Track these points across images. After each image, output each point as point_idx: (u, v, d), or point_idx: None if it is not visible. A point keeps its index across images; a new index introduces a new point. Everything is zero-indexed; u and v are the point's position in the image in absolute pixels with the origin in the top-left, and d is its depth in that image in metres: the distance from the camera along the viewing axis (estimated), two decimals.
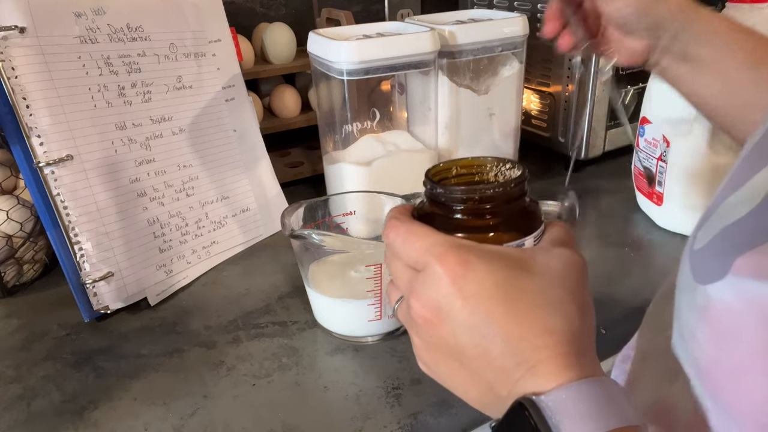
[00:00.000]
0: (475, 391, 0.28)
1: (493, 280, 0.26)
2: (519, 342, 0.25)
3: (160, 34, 0.65)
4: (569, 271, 0.28)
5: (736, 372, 0.23)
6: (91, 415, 0.47)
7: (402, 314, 0.31)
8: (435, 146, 0.73)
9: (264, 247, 0.72)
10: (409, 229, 0.29)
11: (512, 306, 0.26)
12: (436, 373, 0.30)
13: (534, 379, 0.25)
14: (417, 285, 0.28)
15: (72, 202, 0.56)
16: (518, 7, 0.89)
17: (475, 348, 0.26)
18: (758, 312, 0.21)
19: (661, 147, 0.69)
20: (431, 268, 0.27)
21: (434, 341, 0.28)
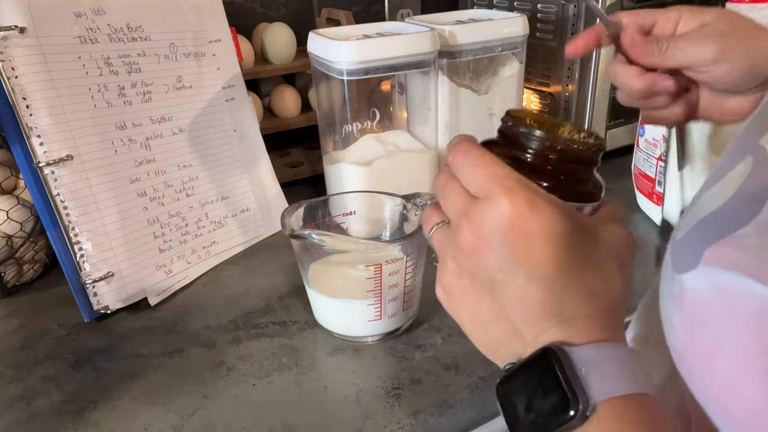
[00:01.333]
0: (496, 329, 0.27)
1: (555, 231, 0.26)
2: (562, 293, 0.26)
3: (160, 34, 0.65)
4: (621, 248, 0.29)
5: (704, 357, 0.23)
6: (91, 415, 0.47)
7: (439, 238, 0.30)
8: (435, 146, 0.73)
9: (264, 247, 0.72)
10: (482, 154, 0.28)
11: (565, 260, 0.26)
12: (458, 301, 0.29)
13: (564, 331, 0.25)
14: (475, 210, 0.27)
15: (72, 202, 0.56)
16: (518, 7, 0.89)
17: (517, 287, 0.26)
18: (725, 299, 0.22)
19: (661, 147, 0.69)
20: (497, 198, 0.26)
21: (474, 269, 0.27)
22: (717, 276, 0.22)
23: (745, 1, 0.61)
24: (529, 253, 0.26)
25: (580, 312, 0.26)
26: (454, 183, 0.29)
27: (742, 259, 0.21)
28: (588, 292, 0.26)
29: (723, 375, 0.22)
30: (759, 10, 0.61)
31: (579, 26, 0.79)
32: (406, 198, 0.57)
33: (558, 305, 0.26)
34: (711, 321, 0.23)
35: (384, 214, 0.60)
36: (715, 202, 0.24)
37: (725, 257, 0.22)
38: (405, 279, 0.52)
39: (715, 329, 0.23)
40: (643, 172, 0.73)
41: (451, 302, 0.30)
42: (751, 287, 0.21)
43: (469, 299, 0.28)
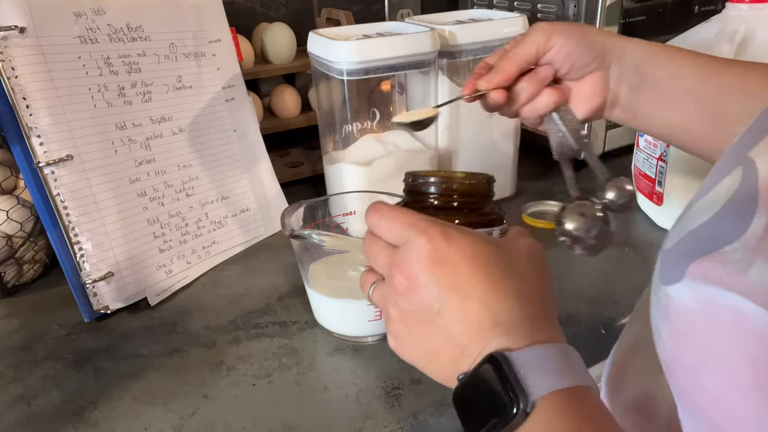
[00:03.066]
0: (446, 354, 0.30)
1: (472, 250, 0.29)
2: (495, 303, 0.28)
3: (160, 34, 0.65)
4: (533, 251, 0.32)
5: (692, 370, 0.24)
6: (91, 415, 0.47)
7: (377, 293, 0.33)
8: (435, 146, 0.73)
9: (264, 247, 0.72)
10: (392, 209, 0.32)
11: (489, 272, 0.29)
12: (408, 343, 0.31)
13: (506, 338, 0.28)
14: (399, 255, 0.30)
15: (72, 202, 0.56)
16: (518, 7, 0.89)
17: (454, 309, 0.29)
18: (710, 313, 0.22)
19: (661, 147, 0.69)
20: (415, 240, 0.30)
21: (413, 307, 0.30)
22: (701, 289, 0.23)
23: (745, 1, 0.61)
24: (456, 276, 0.29)
25: (515, 316, 0.28)
26: (377, 242, 0.33)
27: (724, 275, 0.22)
28: (517, 296, 0.29)
29: (710, 388, 0.23)
30: (759, 10, 0.61)
31: None
32: None
33: (494, 315, 0.28)
34: (697, 334, 0.23)
35: None
36: (704, 214, 0.25)
37: (709, 272, 0.23)
38: None
39: (702, 342, 0.23)
40: (643, 172, 0.73)
41: (403, 346, 0.32)
42: (735, 301, 0.21)
43: (416, 337, 0.31)
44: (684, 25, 0.69)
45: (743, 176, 0.24)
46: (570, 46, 0.46)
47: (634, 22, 0.80)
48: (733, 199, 0.24)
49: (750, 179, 0.23)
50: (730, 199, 0.24)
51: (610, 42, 0.47)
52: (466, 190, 0.35)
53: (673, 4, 0.83)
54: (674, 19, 0.83)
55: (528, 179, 0.85)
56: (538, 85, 0.47)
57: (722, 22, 0.63)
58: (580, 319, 0.55)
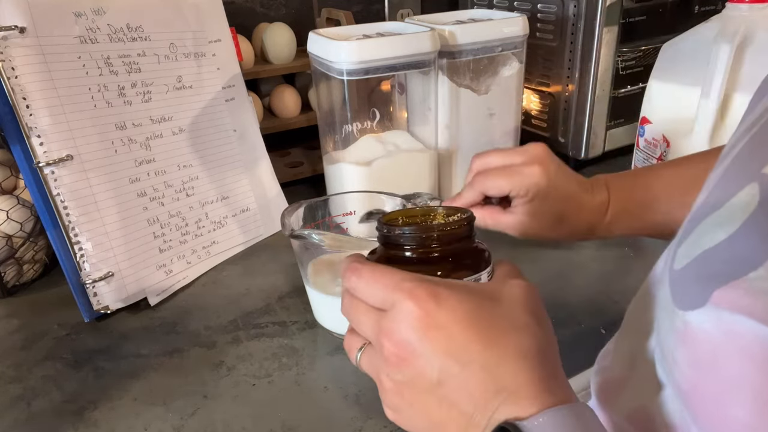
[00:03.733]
0: (454, 427, 0.27)
1: (465, 310, 0.27)
2: (497, 367, 0.26)
3: (160, 34, 0.65)
4: (528, 297, 0.29)
5: (716, 400, 0.23)
6: (91, 415, 0.47)
7: (367, 361, 0.31)
8: (435, 146, 0.73)
9: (264, 247, 0.72)
10: (372, 269, 0.29)
11: (486, 333, 0.27)
12: (408, 416, 0.29)
13: (514, 405, 0.25)
14: (386, 323, 0.28)
15: (72, 202, 0.56)
16: (518, 7, 0.89)
17: (455, 377, 0.26)
18: (737, 344, 0.21)
19: (661, 147, 0.69)
20: (402, 304, 0.27)
21: (409, 379, 0.28)
22: (724, 317, 0.22)
23: (745, 1, 0.61)
24: (452, 342, 0.26)
25: (520, 379, 0.26)
26: (358, 305, 0.30)
27: (755, 305, 0.21)
28: (519, 356, 0.27)
29: (737, 419, 0.22)
30: (759, 10, 0.61)
31: (579, 26, 0.79)
32: (406, 198, 0.57)
33: (499, 379, 0.26)
34: (721, 362, 0.22)
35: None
36: (719, 233, 0.24)
37: (737, 302, 0.22)
38: None
39: (727, 372, 0.22)
40: None
41: (404, 418, 0.30)
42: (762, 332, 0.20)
43: (416, 410, 0.28)
44: (684, 25, 0.70)
45: (761, 194, 0.23)
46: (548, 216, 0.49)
47: (634, 22, 0.80)
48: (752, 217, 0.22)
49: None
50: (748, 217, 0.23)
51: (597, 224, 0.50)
52: (446, 238, 0.32)
53: (673, 4, 0.83)
54: (674, 19, 0.83)
55: None
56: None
57: (722, 22, 0.63)
58: (580, 319, 0.55)
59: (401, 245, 0.32)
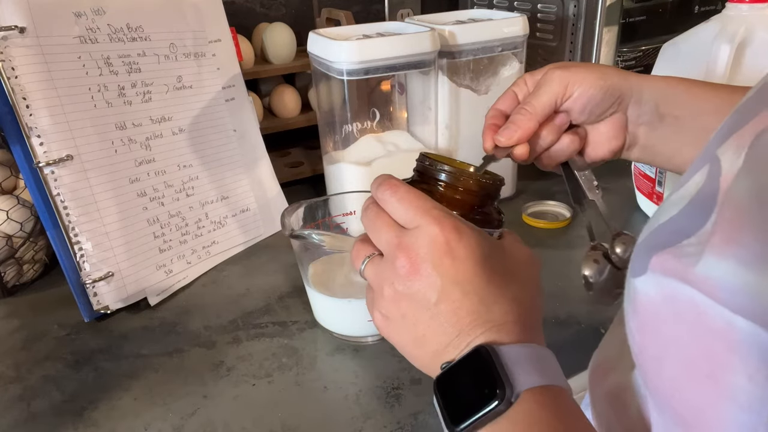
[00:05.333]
0: (433, 343, 0.30)
1: (481, 251, 0.30)
2: (493, 304, 0.30)
3: (160, 34, 0.65)
4: (529, 262, 0.33)
5: (656, 361, 0.25)
6: (91, 415, 0.47)
7: (373, 269, 0.33)
8: (435, 146, 0.73)
9: (264, 247, 0.72)
10: (408, 190, 0.32)
11: (492, 275, 0.30)
12: (397, 325, 0.32)
13: (495, 335, 0.29)
14: (408, 239, 0.30)
15: (72, 202, 0.56)
16: (518, 7, 0.89)
17: (453, 302, 0.30)
18: (671, 306, 0.23)
19: None
20: (428, 227, 0.30)
21: (411, 292, 0.30)
22: (662, 282, 0.24)
23: (745, 1, 0.61)
24: (462, 272, 0.30)
25: (508, 318, 0.30)
26: (383, 217, 0.32)
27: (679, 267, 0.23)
28: (513, 300, 0.30)
29: (670, 377, 0.24)
30: (759, 10, 0.61)
31: (579, 26, 0.79)
32: None
33: (489, 314, 0.30)
34: (660, 325, 0.24)
35: None
36: (672, 209, 0.26)
37: (666, 265, 0.23)
38: None
39: (664, 334, 0.24)
40: (643, 172, 0.73)
41: (391, 327, 0.32)
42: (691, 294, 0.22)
43: (407, 321, 0.31)
44: (684, 25, 0.70)
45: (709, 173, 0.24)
46: (588, 95, 0.45)
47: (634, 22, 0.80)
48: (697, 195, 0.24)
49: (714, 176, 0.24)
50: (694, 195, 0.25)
51: (628, 84, 0.46)
52: (477, 187, 0.35)
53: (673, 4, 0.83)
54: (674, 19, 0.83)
55: (528, 179, 0.85)
56: (556, 134, 0.46)
57: (722, 22, 0.63)
58: (580, 319, 0.55)
59: (436, 179, 0.35)
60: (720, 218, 0.22)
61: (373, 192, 0.33)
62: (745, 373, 0.20)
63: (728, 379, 0.21)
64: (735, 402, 0.21)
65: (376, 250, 0.33)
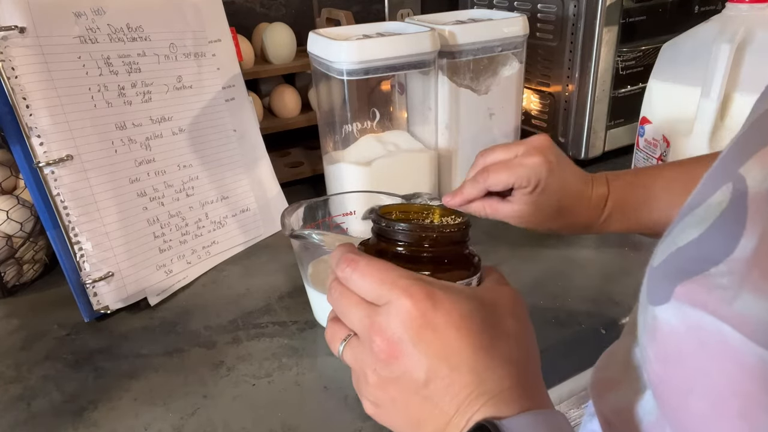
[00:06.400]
0: (431, 426, 0.28)
1: (459, 314, 0.27)
2: (485, 372, 0.27)
3: (160, 34, 0.65)
4: (516, 305, 0.30)
5: (679, 394, 0.24)
6: (91, 415, 0.47)
7: (351, 354, 0.30)
8: (435, 146, 0.73)
9: (264, 247, 0.72)
10: (369, 262, 0.29)
11: (478, 338, 0.27)
12: (388, 411, 0.29)
13: (494, 407, 0.26)
14: (380, 318, 0.28)
15: (72, 202, 0.56)
16: (518, 7, 0.89)
17: (443, 379, 0.27)
18: (697, 338, 0.22)
19: (661, 147, 0.69)
20: (397, 302, 0.27)
21: (396, 376, 0.28)
22: (687, 312, 0.22)
23: (745, 1, 0.61)
24: (446, 344, 0.27)
25: (505, 385, 0.27)
26: (350, 296, 0.30)
27: (710, 301, 0.21)
28: (506, 362, 0.27)
29: (697, 412, 0.23)
30: (759, 10, 0.61)
31: (579, 26, 0.79)
32: (406, 198, 0.57)
33: (484, 384, 0.27)
34: (684, 357, 0.23)
35: None
36: (693, 231, 0.24)
37: (695, 297, 0.22)
38: None
39: (689, 366, 0.23)
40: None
41: (384, 414, 0.30)
42: (721, 328, 0.21)
43: (398, 407, 0.29)
44: (684, 25, 0.70)
45: (733, 193, 0.23)
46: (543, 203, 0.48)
47: (634, 22, 0.80)
48: (721, 217, 0.23)
49: (739, 196, 0.23)
50: (718, 217, 0.23)
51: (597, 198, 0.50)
52: (441, 239, 0.31)
53: (673, 4, 0.83)
54: (674, 19, 0.83)
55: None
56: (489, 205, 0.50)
57: (722, 22, 0.63)
58: (580, 319, 0.55)
59: (395, 240, 0.32)
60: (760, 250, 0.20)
61: (333, 269, 0.31)
62: None
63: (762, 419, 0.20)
64: None
65: (350, 330, 0.31)
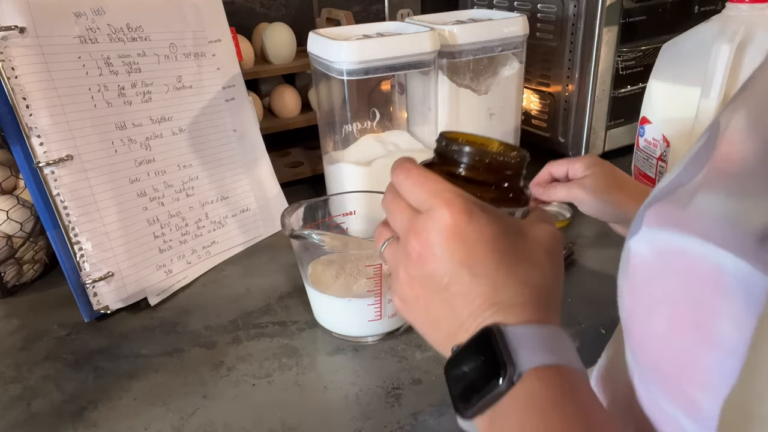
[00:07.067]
0: (446, 326, 0.30)
1: (491, 233, 0.29)
2: (503, 286, 0.29)
3: (160, 34, 0.65)
4: (551, 242, 0.32)
5: (644, 319, 0.25)
6: (91, 415, 0.47)
7: (390, 252, 0.33)
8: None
9: (264, 247, 0.72)
10: (421, 172, 0.32)
11: (503, 257, 0.29)
12: (413, 308, 0.32)
13: (503, 316, 0.28)
14: (419, 223, 0.30)
15: (72, 202, 0.56)
16: (518, 7, 0.89)
17: (462, 285, 0.29)
18: (663, 260, 0.23)
19: (661, 147, 0.69)
20: (438, 211, 0.30)
21: (422, 276, 0.30)
22: (656, 236, 0.24)
23: (745, 1, 0.61)
24: (471, 255, 0.29)
25: (518, 301, 0.29)
26: (398, 201, 0.32)
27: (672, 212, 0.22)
28: (524, 283, 0.29)
29: (657, 331, 0.24)
30: (759, 10, 0.61)
31: (579, 26, 0.79)
32: None
33: (498, 296, 0.29)
34: (651, 283, 0.24)
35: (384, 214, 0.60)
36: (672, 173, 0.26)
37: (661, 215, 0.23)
38: None
39: (654, 291, 0.24)
40: (643, 171, 0.73)
41: (408, 310, 0.32)
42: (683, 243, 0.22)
43: (420, 305, 0.31)
44: (684, 25, 0.70)
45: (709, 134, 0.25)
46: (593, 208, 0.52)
47: (634, 22, 0.80)
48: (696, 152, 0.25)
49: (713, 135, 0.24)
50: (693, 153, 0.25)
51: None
52: (497, 165, 0.33)
53: (673, 4, 0.83)
54: (674, 19, 0.83)
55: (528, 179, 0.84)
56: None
57: (722, 22, 0.63)
58: (580, 319, 0.55)
59: (454, 160, 0.33)
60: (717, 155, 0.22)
61: (391, 175, 0.33)
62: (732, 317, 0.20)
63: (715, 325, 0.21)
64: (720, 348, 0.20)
65: (394, 232, 0.33)
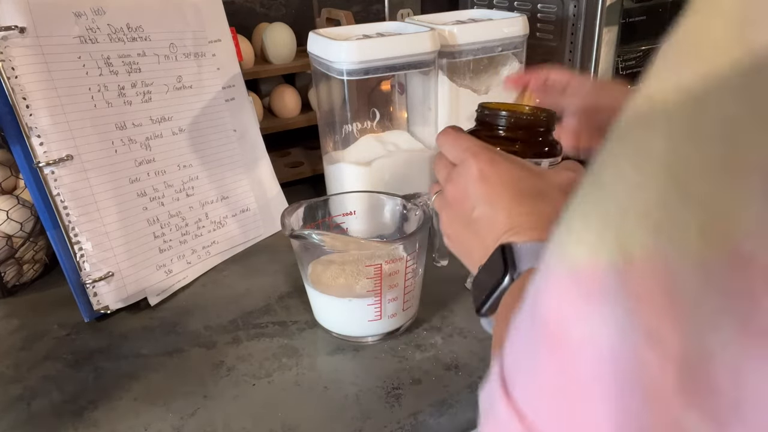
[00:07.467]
0: (476, 252, 0.37)
1: (510, 175, 0.37)
2: (518, 216, 0.35)
3: (160, 34, 0.65)
4: (568, 183, 0.37)
5: None
6: (91, 415, 0.47)
7: (437, 201, 0.42)
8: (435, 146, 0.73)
9: (264, 247, 0.72)
10: (458, 134, 0.41)
11: (519, 193, 0.36)
12: (454, 243, 0.40)
13: (516, 237, 0.35)
14: (454, 173, 0.39)
15: (72, 202, 0.56)
16: (518, 7, 0.89)
17: (487, 218, 0.36)
18: None
19: None
20: (467, 161, 0.37)
21: (457, 215, 0.38)
22: None
23: None
24: (491, 193, 0.36)
25: (529, 226, 0.35)
26: (441, 159, 0.41)
27: None
28: (539, 217, 0.35)
29: None
30: None
31: (579, 26, 0.79)
32: (406, 198, 0.57)
33: (514, 222, 0.35)
34: None
35: (384, 214, 0.60)
36: None
37: None
38: (405, 279, 0.52)
39: None
40: None
41: (453, 244, 0.41)
42: None
43: (460, 238, 0.39)
44: None
45: None
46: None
47: (634, 22, 0.80)
48: None
49: None
50: None
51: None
52: (525, 123, 0.42)
53: (673, 4, 0.83)
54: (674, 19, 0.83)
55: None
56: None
57: None
58: None
59: (488, 123, 0.43)
60: None
61: (436, 143, 0.42)
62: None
63: None
64: None
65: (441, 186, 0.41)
